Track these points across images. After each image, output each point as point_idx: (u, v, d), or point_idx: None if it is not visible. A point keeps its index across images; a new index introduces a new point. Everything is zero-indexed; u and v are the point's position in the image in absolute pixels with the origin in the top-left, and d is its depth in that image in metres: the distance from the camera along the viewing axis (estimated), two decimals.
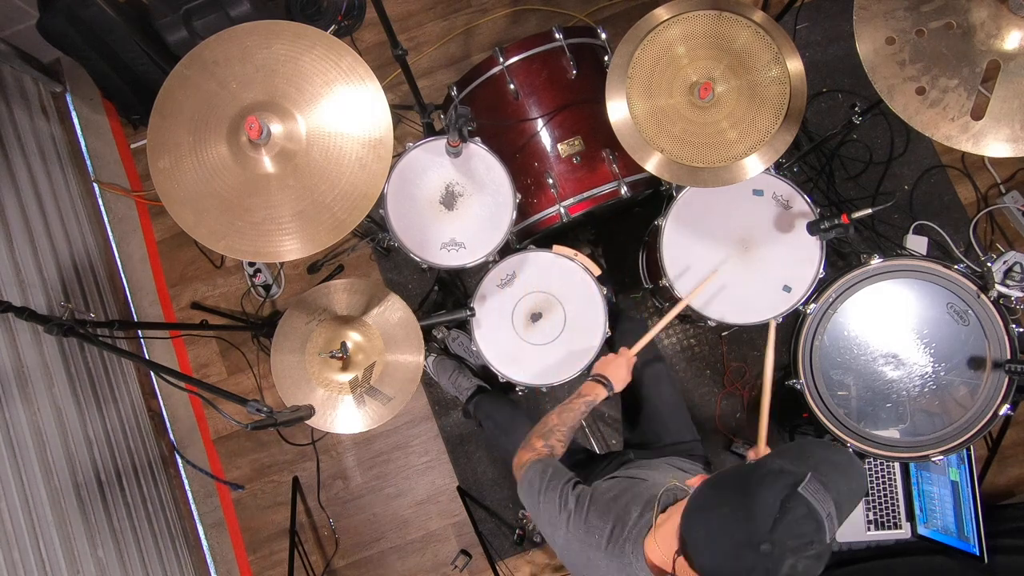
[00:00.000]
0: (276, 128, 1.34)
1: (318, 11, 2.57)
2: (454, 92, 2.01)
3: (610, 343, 1.81)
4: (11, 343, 1.84)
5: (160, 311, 2.54)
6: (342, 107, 1.35)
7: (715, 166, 1.56)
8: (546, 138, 1.90)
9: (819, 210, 1.82)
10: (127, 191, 2.58)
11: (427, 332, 2.39)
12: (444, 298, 2.47)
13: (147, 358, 1.95)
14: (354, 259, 2.53)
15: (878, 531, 2.11)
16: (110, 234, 2.58)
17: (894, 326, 1.75)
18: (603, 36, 1.98)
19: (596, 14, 2.59)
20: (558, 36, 1.88)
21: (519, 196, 1.79)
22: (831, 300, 1.75)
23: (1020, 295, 1.81)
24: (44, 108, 2.48)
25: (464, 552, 2.40)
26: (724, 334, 2.43)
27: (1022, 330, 1.69)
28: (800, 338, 1.75)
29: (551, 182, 1.87)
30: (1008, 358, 1.69)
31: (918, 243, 2.44)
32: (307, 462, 2.48)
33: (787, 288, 1.78)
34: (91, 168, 2.59)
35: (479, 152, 1.80)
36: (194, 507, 2.50)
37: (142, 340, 2.52)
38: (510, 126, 1.92)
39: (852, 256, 2.42)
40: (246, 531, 2.48)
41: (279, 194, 1.35)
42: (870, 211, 1.65)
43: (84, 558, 1.86)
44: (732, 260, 1.81)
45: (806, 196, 1.80)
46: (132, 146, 2.62)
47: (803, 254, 1.78)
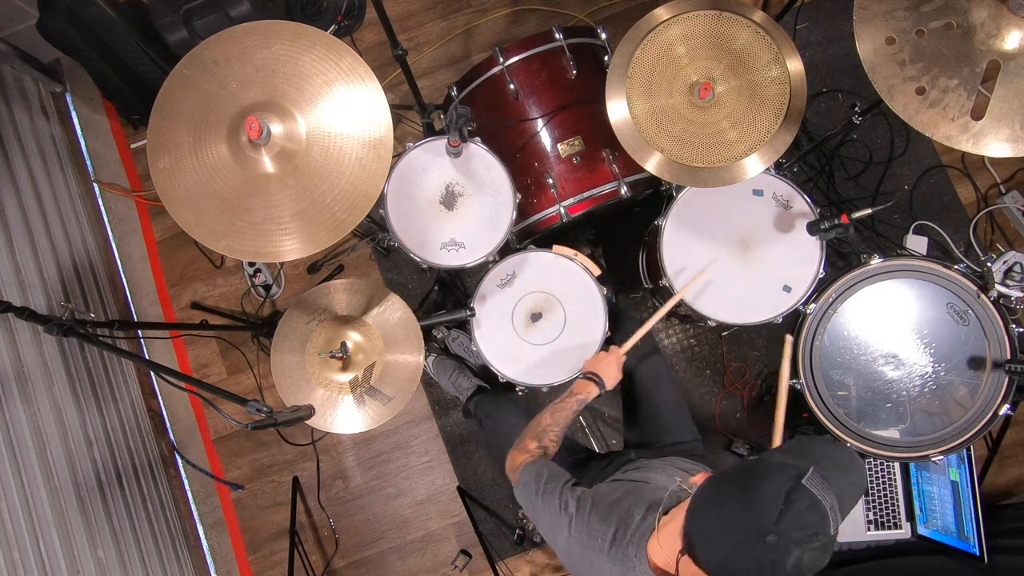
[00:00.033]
0: (276, 128, 1.34)
1: (318, 11, 2.57)
2: (454, 92, 2.01)
3: (610, 343, 1.81)
4: (11, 343, 1.84)
5: (160, 311, 2.54)
6: (342, 107, 1.35)
7: (715, 166, 1.57)
8: (546, 138, 1.90)
9: (819, 210, 1.81)
10: (127, 191, 2.58)
11: (427, 332, 2.39)
12: (444, 298, 2.46)
13: (147, 358, 1.95)
14: (354, 259, 2.53)
15: (878, 531, 2.11)
16: (110, 234, 2.58)
17: (894, 326, 1.75)
18: (603, 36, 1.98)
19: (596, 14, 2.59)
20: (558, 36, 1.88)
21: (519, 196, 1.79)
22: (831, 300, 1.75)
23: (1020, 295, 1.81)
24: (44, 108, 2.48)
25: (464, 552, 2.40)
26: (724, 334, 2.43)
27: (1022, 330, 1.69)
28: (800, 338, 1.75)
29: (551, 182, 1.87)
30: (1008, 358, 1.69)
31: (918, 243, 2.43)
32: (307, 462, 2.48)
33: (787, 288, 1.78)
34: (91, 168, 2.59)
35: (479, 152, 1.80)
36: (194, 507, 2.50)
37: (142, 340, 2.52)
38: (510, 126, 1.92)
39: (852, 256, 2.42)
40: (246, 531, 2.48)
41: (279, 194, 1.35)
42: (870, 211, 1.66)
43: (84, 558, 1.86)
44: (732, 260, 1.81)
45: (806, 196, 1.80)
46: (132, 146, 2.62)
47: (803, 254, 1.78)
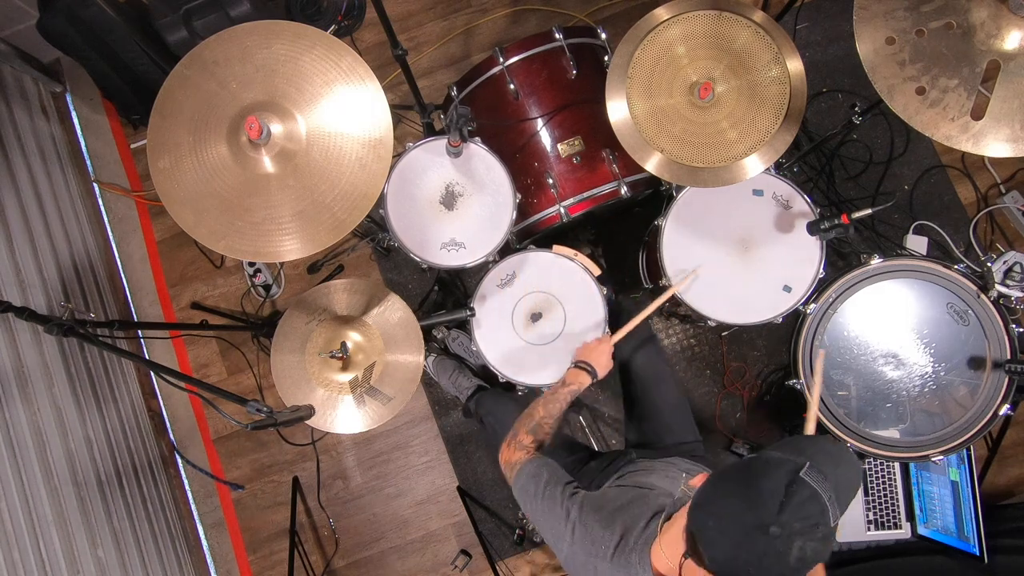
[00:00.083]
0: (276, 128, 1.34)
1: (318, 11, 2.57)
2: (454, 92, 2.01)
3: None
4: (11, 343, 1.84)
5: (160, 311, 2.54)
6: (342, 107, 1.35)
7: (715, 166, 1.56)
8: (546, 138, 1.90)
9: (819, 210, 1.81)
10: (127, 191, 2.58)
11: (427, 332, 2.39)
12: (444, 298, 2.46)
13: (147, 358, 1.95)
14: (354, 259, 2.53)
15: (878, 531, 2.11)
16: (110, 234, 2.58)
17: (894, 326, 1.75)
18: (603, 36, 1.98)
19: (596, 14, 2.59)
20: (558, 36, 1.88)
21: (519, 196, 1.79)
22: (831, 300, 1.75)
23: (1020, 295, 1.81)
24: (44, 108, 2.48)
25: (464, 552, 2.40)
26: (724, 334, 2.43)
27: (1022, 330, 1.69)
28: (800, 338, 1.75)
29: (551, 182, 1.87)
30: (1008, 358, 1.69)
31: (918, 243, 2.43)
32: (307, 462, 2.48)
33: (787, 288, 1.78)
34: (91, 168, 2.59)
35: (479, 152, 1.80)
36: (194, 507, 2.50)
37: (142, 340, 2.52)
38: (510, 126, 1.92)
39: (852, 256, 2.42)
40: (246, 531, 2.48)
41: (279, 194, 1.35)
42: (870, 211, 1.66)
43: (84, 558, 1.86)
44: (732, 260, 1.81)
45: (806, 196, 1.80)
46: (132, 146, 2.62)
47: (803, 254, 1.78)
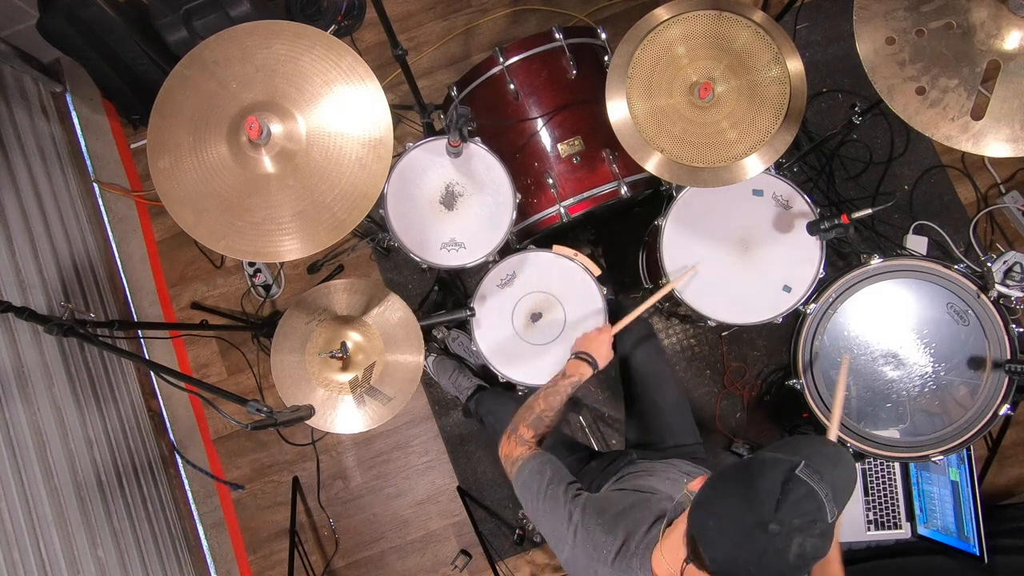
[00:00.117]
0: (276, 128, 1.34)
1: (318, 11, 2.57)
2: (454, 92, 2.01)
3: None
4: (11, 343, 1.84)
5: (160, 311, 2.54)
6: (342, 107, 1.35)
7: (715, 166, 1.56)
8: (546, 138, 1.90)
9: (819, 210, 1.81)
10: (127, 191, 2.58)
11: (427, 332, 2.39)
12: (444, 298, 2.46)
13: (147, 358, 1.95)
14: (354, 259, 2.53)
15: (878, 531, 2.11)
16: (110, 234, 2.58)
17: (894, 326, 1.75)
18: (603, 36, 1.98)
19: (596, 14, 2.59)
20: (558, 36, 1.88)
21: (519, 196, 1.79)
22: (831, 300, 1.75)
23: (1020, 295, 1.81)
24: (44, 108, 2.48)
25: (464, 552, 2.40)
26: (724, 334, 2.43)
27: (1022, 330, 1.69)
28: (800, 338, 1.75)
29: (551, 182, 1.87)
30: (1008, 358, 1.69)
31: (918, 243, 2.43)
32: (307, 462, 2.48)
33: (787, 288, 1.78)
34: (91, 168, 2.59)
35: (479, 152, 1.80)
36: (194, 507, 2.50)
37: (142, 340, 2.52)
38: (510, 126, 1.92)
39: (852, 256, 2.42)
40: (246, 531, 2.48)
41: (279, 194, 1.35)
42: (870, 211, 1.66)
43: (84, 558, 1.86)
44: (732, 260, 1.80)
45: (806, 196, 1.80)
46: (132, 146, 2.62)
47: (803, 254, 1.78)
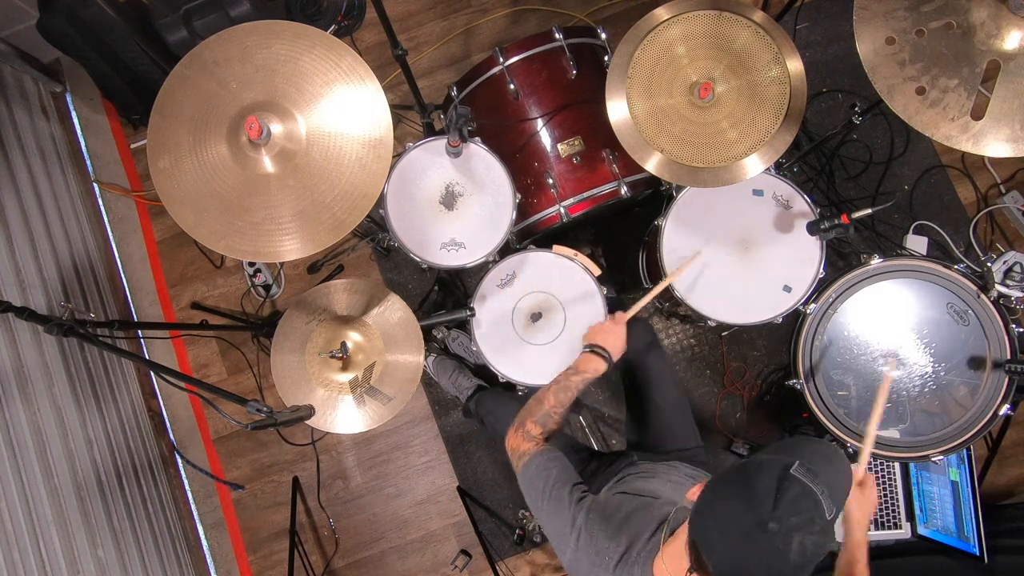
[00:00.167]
0: (276, 128, 1.34)
1: (318, 11, 2.57)
2: (454, 92, 2.01)
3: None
4: (11, 343, 1.84)
5: (160, 311, 2.54)
6: (342, 107, 1.35)
7: (715, 166, 1.56)
8: (546, 138, 1.90)
9: (819, 210, 1.81)
10: (127, 191, 2.58)
11: (427, 332, 2.39)
12: (444, 298, 2.46)
13: (147, 358, 1.95)
14: (354, 259, 2.53)
15: (878, 531, 2.11)
16: (110, 234, 2.58)
17: (894, 326, 1.75)
18: (603, 36, 1.98)
19: (596, 14, 2.59)
20: (558, 36, 1.88)
21: (519, 196, 1.79)
22: (831, 300, 1.75)
23: (1020, 295, 1.81)
24: (44, 108, 2.48)
25: (464, 552, 2.40)
26: (724, 334, 2.43)
27: (1022, 330, 1.69)
28: (800, 338, 1.75)
29: (551, 182, 1.87)
30: (1008, 358, 1.69)
31: (918, 243, 2.43)
32: (307, 462, 2.48)
33: (787, 288, 1.78)
34: (91, 168, 2.59)
35: (479, 152, 1.80)
36: (194, 507, 2.50)
37: (142, 340, 2.52)
38: (510, 126, 1.92)
39: (852, 256, 2.42)
40: (246, 531, 2.48)
41: (279, 194, 1.35)
42: (870, 211, 1.66)
43: (84, 558, 1.86)
44: (732, 260, 1.80)
45: (806, 196, 1.80)
46: (132, 146, 2.62)
47: (803, 254, 1.78)
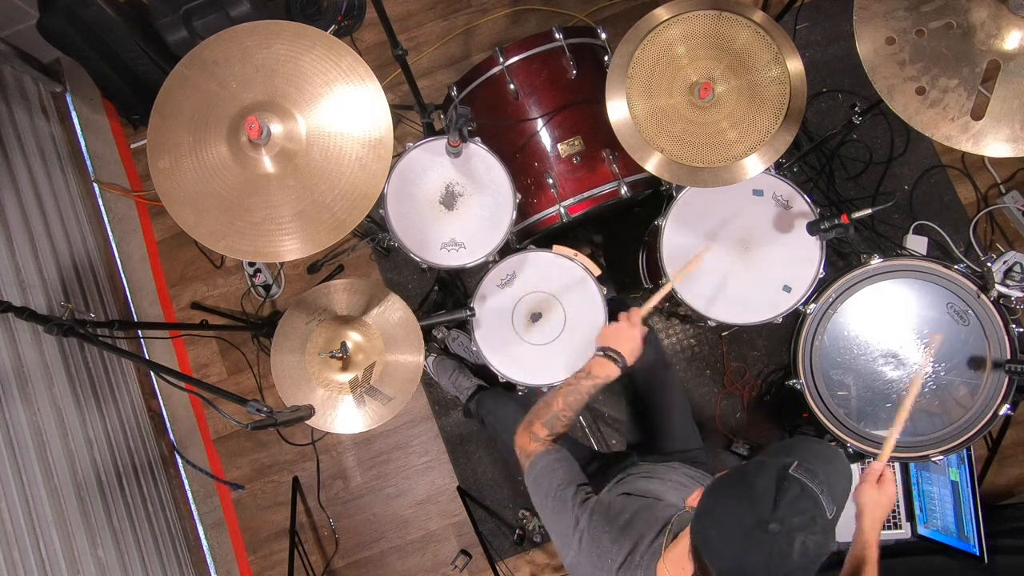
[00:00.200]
0: (276, 128, 1.34)
1: (318, 11, 2.57)
2: (454, 92, 2.01)
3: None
4: (11, 343, 1.84)
5: (160, 311, 2.54)
6: (342, 107, 1.35)
7: (715, 166, 1.56)
8: (546, 138, 1.90)
9: (819, 210, 1.81)
10: (127, 191, 2.58)
11: (427, 332, 2.39)
12: (444, 298, 2.46)
13: (147, 358, 1.95)
14: (354, 259, 2.53)
15: None
16: (110, 234, 2.58)
17: (894, 326, 1.75)
18: (603, 36, 1.98)
19: (596, 14, 2.59)
20: (558, 36, 1.88)
21: (519, 196, 1.79)
22: (831, 300, 1.75)
23: (1020, 295, 1.81)
24: (44, 108, 2.48)
25: (464, 552, 2.40)
26: (724, 334, 2.43)
27: (1022, 330, 1.69)
28: (800, 338, 1.75)
29: (551, 182, 1.87)
30: (1008, 358, 1.69)
31: (918, 243, 2.43)
32: (307, 462, 2.48)
33: (787, 288, 1.78)
34: (91, 168, 2.59)
35: (479, 152, 1.80)
36: (194, 507, 2.50)
37: (142, 340, 2.52)
38: (510, 126, 1.92)
39: (852, 256, 2.42)
40: (246, 531, 2.48)
41: (279, 194, 1.35)
42: (870, 211, 1.66)
43: (84, 558, 1.86)
44: (732, 260, 1.80)
45: (806, 196, 1.80)
46: (132, 146, 2.62)
47: (803, 254, 1.78)
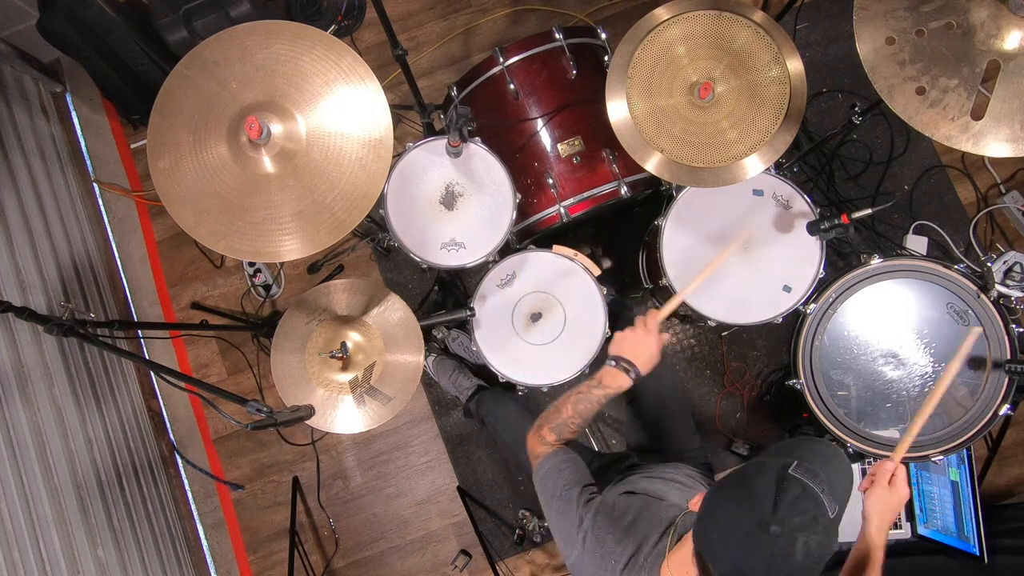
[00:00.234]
0: (276, 128, 1.34)
1: (318, 11, 2.57)
2: (454, 92, 2.01)
3: (610, 343, 1.81)
4: (11, 343, 1.84)
5: (160, 311, 2.54)
6: (342, 107, 1.35)
7: (715, 166, 1.56)
8: (546, 138, 1.90)
9: (819, 210, 1.81)
10: (127, 191, 2.58)
11: (427, 332, 2.39)
12: (444, 298, 2.46)
13: (147, 358, 1.95)
14: (354, 259, 2.53)
15: None
16: (110, 234, 2.58)
17: (894, 326, 1.75)
18: (603, 36, 1.98)
19: (596, 14, 2.59)
20: (558, 36, 1.88)
21: (519, 196, 1.79)
22: (831, 300, 1.75)
23: (1020, 295, 1.81)
24: (44, 108, 2.48)
25: (464, 552, 2.40)
26: (724, 334, 2.43)
27: (1022, 330, 1.69)
28: (800, 338, 1.75)
29: (551, 182, 1.87)
30: (1008, 358, 1.69)
31: (918, 243, 2.43)
32: (307, 462, 2.48)
33: (787, 288, 1.78)
34: (91, 168, 2.59)
35: (479, 152, 1.80)
36: (194, 507, 2.50)
37: (142, 340, 2.52)
38: (510, 126, 1.92)
39: (852, 256, 2.42)
40: (246, 531, 2.48)
41: (279, 194, 1.35)
42: (870, 211, 1.66)
43: (84, 558, 1.86)
44: (732, 260, 1.80)
45: (806, 196, 1.80)
46: (132, 146, 2.62)
47: (803, 254, 1.78)
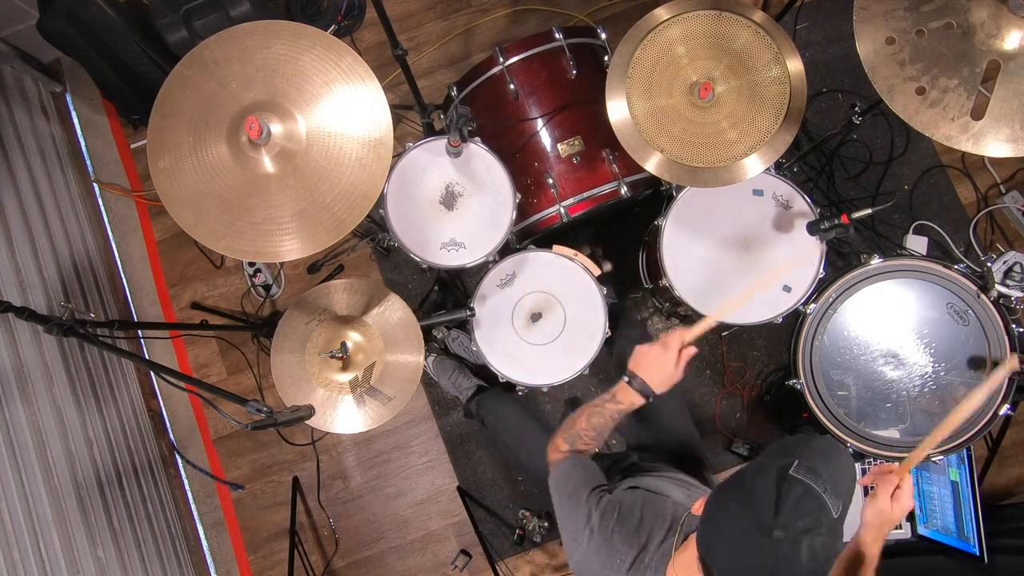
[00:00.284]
0: (276, 128, 1.34)
1: (318, 11, 2.57)
2: (454, 92, 2.01)
3: (610, 343, 1.81)
4: (11, 343, 1.84)
5: (160, 311, 2.54)
6: (342, 107, 1.35)
7: (715, 166, 1.56)
8: (546, 138, 1.90)
9: (819, 210, 1.81)
10: (127, 191, 2.58)
11: (427, 332, 2.39)
12: (444, 298, 2.46)
13: (147, 358, 1.95)
14: (354, 259, 2.53)
15: None
16: (110, 234, 2.58)
17: (894, 326, 1.75)
18: (603, 36, 1.98)
19: (596, 14, 2.59)
20: (558, 36, 1.88)
21: (519, 196, 1.79)
22: (831, 300, 1.75)
23: (1020, 295, 1.81)
24: (44, 108, 2.48)
25: (464, 552, 2.40)
26: (724, 334, 2.42)
27: (1022, 330, 1.69)
28: (800, 338, 1.75)
29: (551, 182, 1.87)
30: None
31: (918, 243, 2.43)
32: (307, 462, 2.48)
33: (787, 288, 1.78)
34: (91, 168, 2.59)
35: (479, 152, 1.80)
36: (194, 507, 2.50)
37: (142, 340, 2.52)
38: (510, 126, 1.92)
39: (852, 256, 2.42)
40: (246, 531, 2.48)
41: (279, 194, 1.35)
42: (870, 211, 1.66)
43: (84, 558, 1.86)
44: (732, 260, 1.80)
45: (806, 196, 1.80)
46: (132, 146, 2.62)
47: (803, 254, 1.78)
